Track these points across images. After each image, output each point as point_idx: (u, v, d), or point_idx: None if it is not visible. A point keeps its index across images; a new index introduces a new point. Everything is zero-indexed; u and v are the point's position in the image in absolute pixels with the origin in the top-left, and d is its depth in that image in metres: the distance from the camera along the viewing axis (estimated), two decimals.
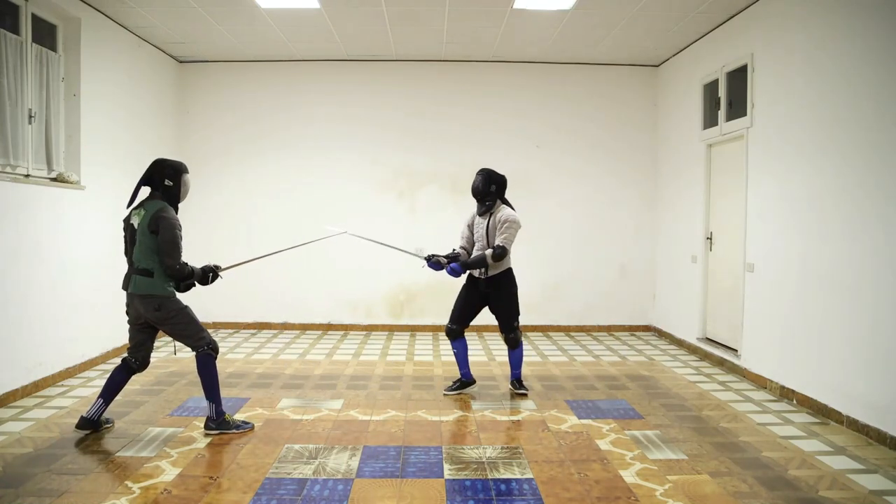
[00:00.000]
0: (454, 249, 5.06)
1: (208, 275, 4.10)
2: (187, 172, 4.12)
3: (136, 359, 4.08)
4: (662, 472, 3.47)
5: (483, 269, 4.81)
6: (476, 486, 3.28)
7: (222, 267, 4.24)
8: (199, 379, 3.94)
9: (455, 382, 5.11)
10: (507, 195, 5.13)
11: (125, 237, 4.01)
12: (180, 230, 3.91)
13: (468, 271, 4.93)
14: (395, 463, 3.60)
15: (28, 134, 5.15)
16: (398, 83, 7.92)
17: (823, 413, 4.53)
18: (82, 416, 4.03)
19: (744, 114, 5.76)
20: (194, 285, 4.08)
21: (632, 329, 8.10)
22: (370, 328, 7.98)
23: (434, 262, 4.88)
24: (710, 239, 6.56)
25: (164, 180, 3.97)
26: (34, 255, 5.03)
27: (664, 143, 7.83)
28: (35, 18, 5.29)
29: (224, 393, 4.93)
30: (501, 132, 7.94)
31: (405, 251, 5.24)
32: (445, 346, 7.10)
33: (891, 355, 3.94)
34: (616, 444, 3.91)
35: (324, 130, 7.92)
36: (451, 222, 7.93)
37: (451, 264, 4.81)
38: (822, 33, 4.67)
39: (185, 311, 4.00)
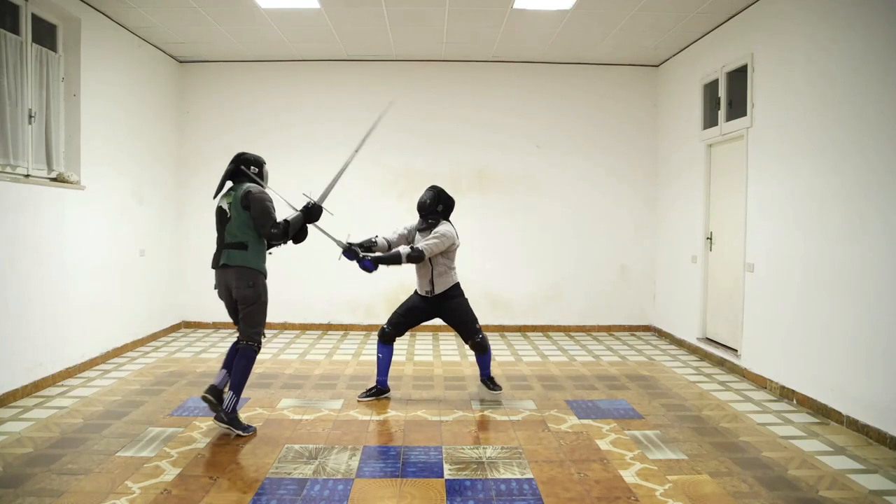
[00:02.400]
0: (375, 237, 4.81)
1: (310, 209, 4.25)
2: (266, 164, 4.36)
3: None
4: (662, 472, 3.47)
5: (430, 289, 4.74)
6: (476, 486, 3.28)
7: (315, 200, 4.33)
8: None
9: (371, 389, 4.89)
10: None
11: (216, 221, 4.17)
12: (271, 202, 4.07)
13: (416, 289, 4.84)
14: (395, 463, 3.60)
15: (28, 134, 5.15)
16: (398, 83, 7.92)
17: (823, 413, 4.53)
18: (211, 384, 4.14)
19: (744, 114, 5.76)
20: (305, 231, 4.34)
21: (632, 329, 8.10)
22: (370, 328, 7.98)
23: (349, 252, 4.55)
24: (710, 239, 6.56)
25: (251, 167, 4.18)
26: (34, 255, 5.03)
27: (664, 143, 7.83)
28: (35, 18, 5.29)
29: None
30: (501, 132, 7.94)
31: (331, 237, 4.70)
32: (445, 346, 7.10)
33: (891, 355, 3.94)
34: (616, 444, 3.91)
35: (324, 131, 7.91)
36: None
37: (365, 261, 4.50)
38: (822, 33, 4.67)
39: (265, 302, 4.13)
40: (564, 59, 7.76)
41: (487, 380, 5.01)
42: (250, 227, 4.03)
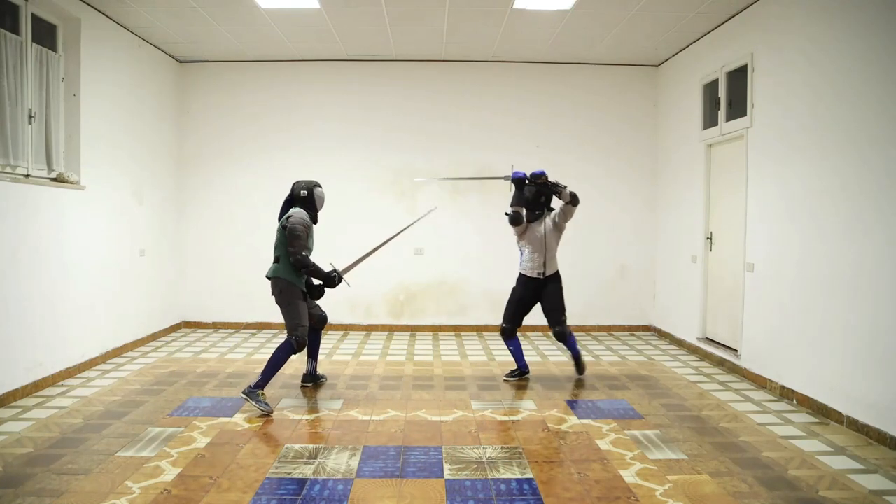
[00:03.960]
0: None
1: (333, 276, 4.80)
2: (320, 187, 4.90)
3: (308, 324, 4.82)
4: (662, 472, 3.47)
5: (542, 271, 5.37)
6: (476, 486, 3.29)
7: (339, 270, 4.93)
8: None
9: (514, 371, 5.55)
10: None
11: None
12: (306, 227, 4.64)
13: (525, 274, 5.45)
14: (395, 463, 3.60)
15: (28, 134, 5.15)
16: (398, 83, 7.92)
17: (823, 413, 4.53)
18: (304, 373, 5.22)
19: (744, 114, 5.77)
20: (322, 288, 4.88)
21: (632, 329, 8.10)
22: (370, 328, 7.98)
23: (517, 173, 5.34)
24: (710, 239, 6.56)
25: (301, 192, 4.78)
26: (34, 255, 5.03)
27: (664, 143, 7.83)
28: (35, 18, 5.29)
29: (224, 393, 4.97)
30: (501, 132, 7.94)
31: (491, 177, 6.34)
32: (445, 346, 7.11)
33: (891, 355, 3.94)
34: (616, 444, 3.91)
35: (324, 131, 7.92)
36: (451, 222, 7.97)
37: (544, 184, 5.29)
38: (821, 33, 4.67)
39: (294, 304, 4.65)
40: (564, 59, 7.76)
41: (575, 357, 5.57)
42: (282, 244, 4.65)
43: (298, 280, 4.70)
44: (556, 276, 5.44)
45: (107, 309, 6.13)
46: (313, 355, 5.20)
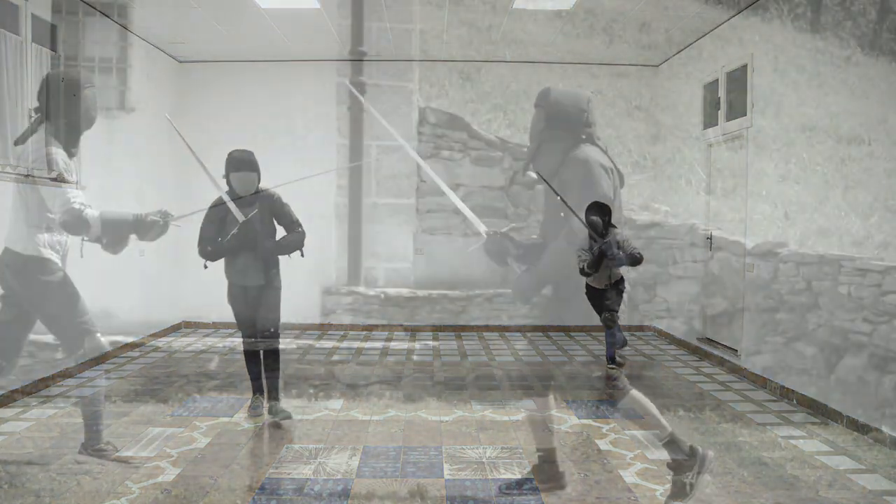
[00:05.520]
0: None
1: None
2: (239, 170, 4.49)
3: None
4: (662, 472, 3.47)
5: (609, 282, 5.42)
6: (476, 486, 3.29)
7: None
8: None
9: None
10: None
11: None
12: (207, 221, 4.52)
13: (592, 285, 5.41)
14: (395, 463, 3.60)
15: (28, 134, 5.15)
16: (398, 83, 7.91)
17: (823, 413, 4.53)
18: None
19: (744, 114, 5.76)
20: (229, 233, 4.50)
21: (632, 329, 8.09)
22: (370, 328, 7.98)
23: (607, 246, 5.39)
24: (710, 239, 6.56)
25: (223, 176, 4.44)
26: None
27: (664, 143, 7.83)
28: (35, 18, 5.28)
29: (224, 393, 4.98)
30: (501, 132, 7.93)
31: (579, 216, 5.84)
32: (445, 346, 7.10)
33: (890, 355, 3.94)
34: (616, 444, 3.91)
35: (324, 131, 7.91)
36: (451, 222, 7.96)
37: (619, 259, 5.33)
38: (821, 33, 4.67)
39: (232, 307, 4.49)
40: (565, 59, 7.75)
41: (608, 358, 5.48)
42: None
43: (234, 275, 4.53)
44: (622, 280, 5.68)
45: (106, 309, 6.13)
46: (257, 387, 4.39)
